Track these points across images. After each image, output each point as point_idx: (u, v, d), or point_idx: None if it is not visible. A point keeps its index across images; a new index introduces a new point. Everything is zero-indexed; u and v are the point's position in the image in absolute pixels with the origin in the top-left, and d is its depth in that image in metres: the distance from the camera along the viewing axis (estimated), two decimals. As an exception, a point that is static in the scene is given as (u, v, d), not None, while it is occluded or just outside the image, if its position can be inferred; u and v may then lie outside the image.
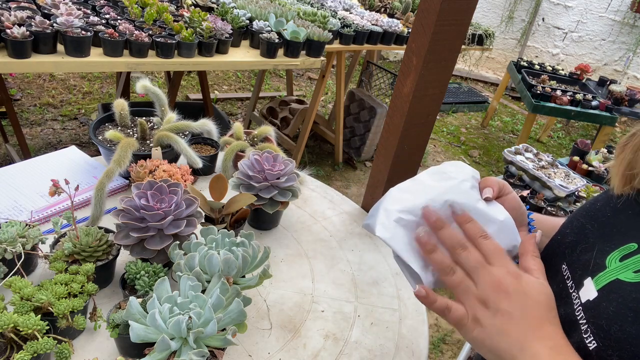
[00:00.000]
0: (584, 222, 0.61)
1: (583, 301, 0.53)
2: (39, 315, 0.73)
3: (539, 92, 3.80)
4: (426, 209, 0.61)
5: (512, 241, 0.63)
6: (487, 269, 0.55)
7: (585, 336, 0.51)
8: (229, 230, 0.92)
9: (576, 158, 2.82)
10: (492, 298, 0.53)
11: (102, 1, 2.28)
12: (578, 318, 0.53)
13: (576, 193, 2.42)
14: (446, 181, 0.65)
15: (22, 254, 0.87)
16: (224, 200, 1.10)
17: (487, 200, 0.64)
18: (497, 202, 0.65)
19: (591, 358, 0.50)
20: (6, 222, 0.92)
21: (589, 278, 0.54)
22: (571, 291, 0.56)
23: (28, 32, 1.70)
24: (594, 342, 0.50)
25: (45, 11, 1.91)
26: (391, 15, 3.70)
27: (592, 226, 0.59)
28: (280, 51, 2.46)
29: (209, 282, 0.84)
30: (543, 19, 6.28)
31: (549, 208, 2.31)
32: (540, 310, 0.52)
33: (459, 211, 0.63)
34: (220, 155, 1.37)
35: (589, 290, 0.53)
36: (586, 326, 0.51)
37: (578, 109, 3.81)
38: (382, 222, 0.63)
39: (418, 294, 0.58)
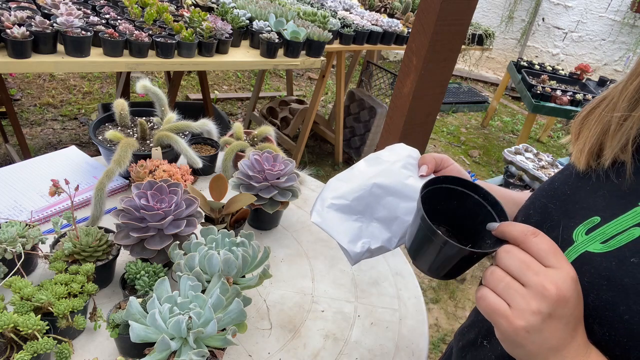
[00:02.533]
0: (546, 202, 0.63)
1: None
2: (39, 315, 0.73)
3: (539, 92, 3.80)
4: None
5: None
6: (539, 268, 0.48)
7: None
8: (229, 230, 0.92)
9: (576, 158, 2.82)
10: (547, 304, 0.47)
11: (102, 1, 2.28)
12: None
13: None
14: (378, 165, 0.74)
15: (22, 254, 0.87)
16: (224, 200, 1.10)
17: (421, 177, 0.71)
18: (433, 175, 0.72)
19: None
20: (6, 222, 0.92)
21: None
22: None
23: (28, 32, 1.70)
24: None
25: (45, 11, 1.91)
26: (391, 15, 3.70)
27: (554, 205, 0.61)
28: (280, 51, 2.46)
29: (209, 282, 0.84)
30: (543, 19, 6.28)
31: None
32: (579, 313, 0.49)
33: (387, 191, 0.72)
34: (220, 155, 1.37)
35: None
36: None
37: (578, 109, 3.81)
38: (317, 209, 0.73)
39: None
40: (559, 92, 3.85)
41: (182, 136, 1.28)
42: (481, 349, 0.68)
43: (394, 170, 0.72)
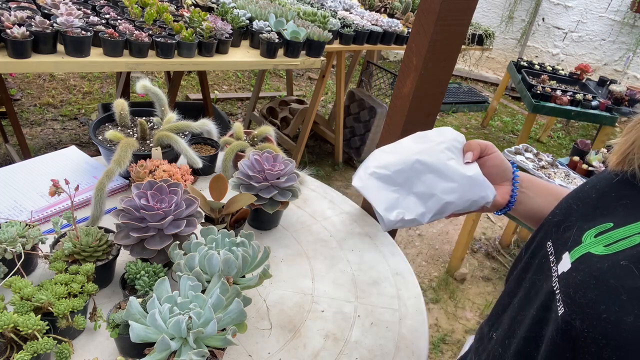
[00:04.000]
0: (571, 203, 0.65)
1: (559, 273, 0.57)
2: (39, 315, 0.73)
3: (539, 92, 3.80)
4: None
5: (480, 192, 0.74)
6: None
7: (558, 304, 0.55)
8: (229, 230, 0.92)
9: (576, 158, 2.82)
10: None
11: (102, 1, 2.28)
12: (554, 288, 0.57)
13: (576, 193, 2.41)
14: (424, 143, 0.77)
15: (22, 254, 0.87)
16: (224, 200, 1.10)
17: (467, 164, 0.75)
18: (476, 162, 0.76)
19: (559, 323, 0.54)
20: (6, 222, 0.92)
21: (567, 252, 0.58)
22: (552, 265, 0.60)
23: (28, 32, 1.70)
24: (562, 308, 0.54)
25: (45, 11, 1.91)
26: (391, 15, 3.70)
27: (577, 206, 0.63)
28: (280, 51, 2.46)
29: (209, 282, 0.84)
30: (543, 19, 6.28)
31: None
32: None
33: (428, 168, 0.75)
34: (220, 155, 1.37)
35: (565, 263, 0.57)
36: (559, 295, 0.55)
37: (578, 109, 3.81)
38: (359, 175, 0.77)
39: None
40: (559, 92, 3.85)
41: (182, 136, 1.28)
42: (489, 341, 0.69)
43: (438, 150, 0.75)
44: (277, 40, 2.35)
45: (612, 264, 0.51)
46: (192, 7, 2.50)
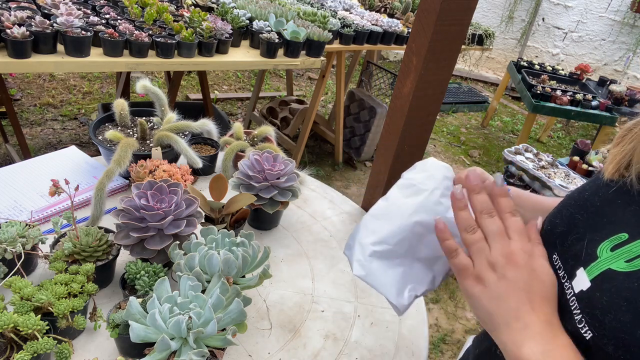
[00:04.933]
0: (573, 212, 0.61)
1: (576, 291, 0.54)
2: (39, 315, 0.73)
3: (539, 92, 3.80)
4: (471, 172, 0.63)
5: None
6: (504, 238, 0.57)
7: (580, 326, 0.51)
8: (229, 230, 0.92)
9: (576, 158, 2.82)
10: (501, 264, 0.55)
11: (102, 1, 2.28)
12: (572, 308, 0.53)
13: (576, 193, 2.41)
14: (416, 196, 0.67)
15: (22, 254, 0.87)
16: (224, 200, 1.10)
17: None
18: None
19: (588, 348, 0.50)
20: (6, 222, 0.92)
21: (581, 268, 0.54)
22: (563, 281, 0.57)
23: (28, 32, 1.70)
24: (589, 332, 0.50)
25: (45, 11, 1.91)
26: (391, 15, 3.70)
27: (582, 216, 0.60)
28: (280, 51, 2.46)
29: (209, 282, 0.84)
30: (543, 19, 6.28)
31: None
32: (543, 289, 0.54)
33: (429, 229, 0.66)
34: (220, 155, 1.37)
35: (582, 281, 0.54)
36: (580, 316, 0.52)
37: (578, 109, 3.81)
38: (359, 260, 0.67)
39: (437, 224, 0.61)
40: (559, 92, 3.85)
41: (182, 136, 1.28)
42: (495, 357, 0.68)
43: (433, 201, 0.67)
44: (277, 40, 2.35)
45: None
46: (192, 7, 2.50)
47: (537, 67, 4.43)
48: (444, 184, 0.68)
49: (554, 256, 0.60)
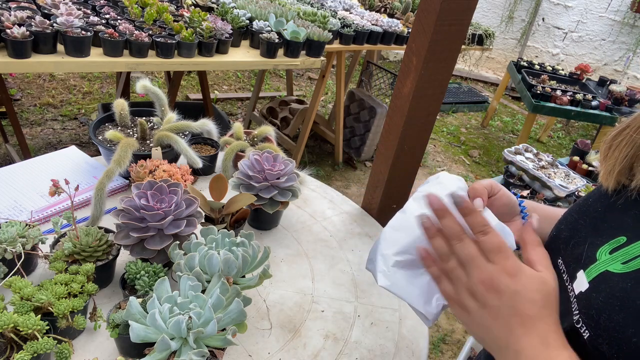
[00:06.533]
0: (577, 218, 0.62)
1: (577, 293, 0.55)
2: (39, 315, 0.73)
3: (539, 92, 3.80)
4: (430, 196, 0.61)
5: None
6: (479, 264, 0.54)
7: (578, 326, 0.53)
8: (229, 230, 0.92)
9: (576, 158, 2.82)
10: (481, 293, 0.54)
11: (102, 1, 2.28)
12: (573, 310, 0.54)
13: (576, 193, 2.41)
14: None
15: (22, 254, 0.86)
16: (224, 200, 1.10)
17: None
18: (488, 209, 0.67)
19: (585, 347, 0.51)
20: (6, 222, 0.92)
21: (582, 271, 0.55)
22: (567, 284, 0.58)
23: (28, 32, 1.70)
24: (586, 331, 0.51)
25: (45, 11, 1.91)
26: (391, 15, 3.70)
27: (584, 221, 0.61)
28: (280, 51, 2.46)
29: (209, 282, 0.84)
30: (543, 19, 6.28)
31: (549, 208, 2.31)
32: (533, 309, 0.52)
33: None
34: (220, 155, 1.37)
35: (581, 283, 0.55)
36: (578, 316, 0.53)
37: (578, 109, 3.81)
38: (382, 270, 0.68)
39: (419, 252, 0.61)
40: (559, 92, 3.85)
41: (182, 136, 1.28)
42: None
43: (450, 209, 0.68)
44: (277, 40, 2.35)
45: (635, 284, 0.49)
46: (192, 7, 2.50)
47: (537, 67, 4.43)
48: (458, 194, 0.68)
49: (559, 260, 0.61)
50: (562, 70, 4.54)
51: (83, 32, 1.83)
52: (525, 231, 0.59)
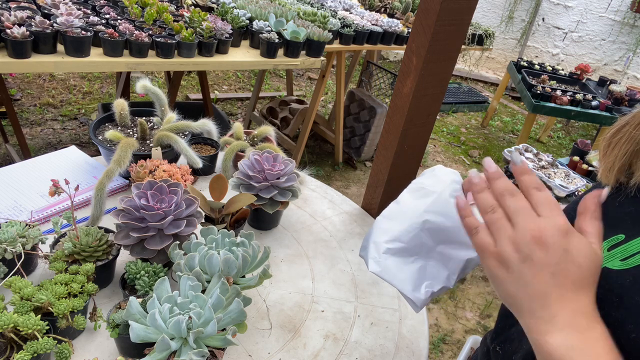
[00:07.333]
0: (574, 216, 0.62)
1: None
2: (39, 315, 0.73)
3: (539, 92, 3.80)
4: (486, 160, 0.57)
5: None
6: (530, 215, 0.49)
7: None
8: (229, 230, 0.92)
9: (576, 158, 2.82)
10: (527, 244, 0.48)
11: (102, 1, 2.28)
12: None
13: (576, 193, 2.42)
14: (426, 198, 0.70)
15: (22, 254, 0.87)
16: (224, 200, 1.10)
17: (473, 204, 0.65)
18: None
19: None
20: (6, 222, 0.92)
21: None
22: None
23: (28, 32, 1.70)
24: None
25: (45, 11, 1.91)
26: (391, 15, 3.69)
27: None
28: (280, 51, 2.46)
29: (209, 282, 0.84)
30: (543, 19, 6.28)
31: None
32: (578, 274, 0.47)
33: (439, 227, 0.67)
34: (220, 155, 1.37)
35: None
36: None
37: (578, 109, 3.81)
38: (373, 256, 0.70)
39: (457, 201, 0.56)
40: (559, 92, 3.85)
41: (182, 136, 1.28)
42: (495, 355, 0.68)
43: (442, 202, 0.69)
44: (277, 40, 2.35)
45: (634, 280, 0.49)
46: (192, 7, 2.50)
47: (537, 67, 4.43)
48: (452, 186, 0.70)
49: None
50: (562, 70, 4.54)
51: (83, 32, 1.83)
52: (589, 199, 0.52)
